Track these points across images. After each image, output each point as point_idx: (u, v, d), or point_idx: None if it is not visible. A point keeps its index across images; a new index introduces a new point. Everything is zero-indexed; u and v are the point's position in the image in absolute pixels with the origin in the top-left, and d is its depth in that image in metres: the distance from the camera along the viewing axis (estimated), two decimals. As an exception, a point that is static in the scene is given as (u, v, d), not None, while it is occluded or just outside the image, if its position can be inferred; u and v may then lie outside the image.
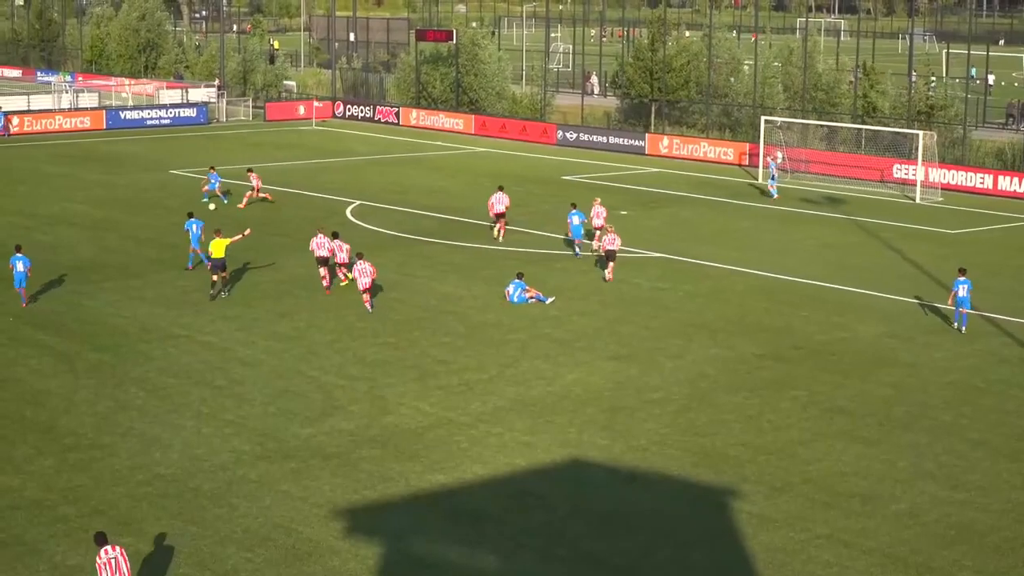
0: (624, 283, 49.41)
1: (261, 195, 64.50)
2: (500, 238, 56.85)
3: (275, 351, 40.05)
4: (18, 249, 45.04)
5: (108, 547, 23.79)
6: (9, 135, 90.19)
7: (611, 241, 50.09)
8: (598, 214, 54.90)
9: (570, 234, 54.71)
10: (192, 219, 50.58)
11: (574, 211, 54.59)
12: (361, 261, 44.86)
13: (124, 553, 23.72)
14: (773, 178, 70.72)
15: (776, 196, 69.31)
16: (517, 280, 46.36)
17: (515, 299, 45.91)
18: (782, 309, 46.13)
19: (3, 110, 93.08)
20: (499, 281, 47.84)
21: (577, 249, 54.64)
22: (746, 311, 45.90)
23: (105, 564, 23.51)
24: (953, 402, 36.45)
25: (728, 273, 51.74)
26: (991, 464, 31.96)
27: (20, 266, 44.41)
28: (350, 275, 47.14)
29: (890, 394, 37.07)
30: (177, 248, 53.22)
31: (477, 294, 47.24)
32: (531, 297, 45.95)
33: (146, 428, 33.19)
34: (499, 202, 57.00)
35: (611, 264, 49.92)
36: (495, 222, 57.36)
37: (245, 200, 63.73)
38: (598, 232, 53.96)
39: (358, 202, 64.54)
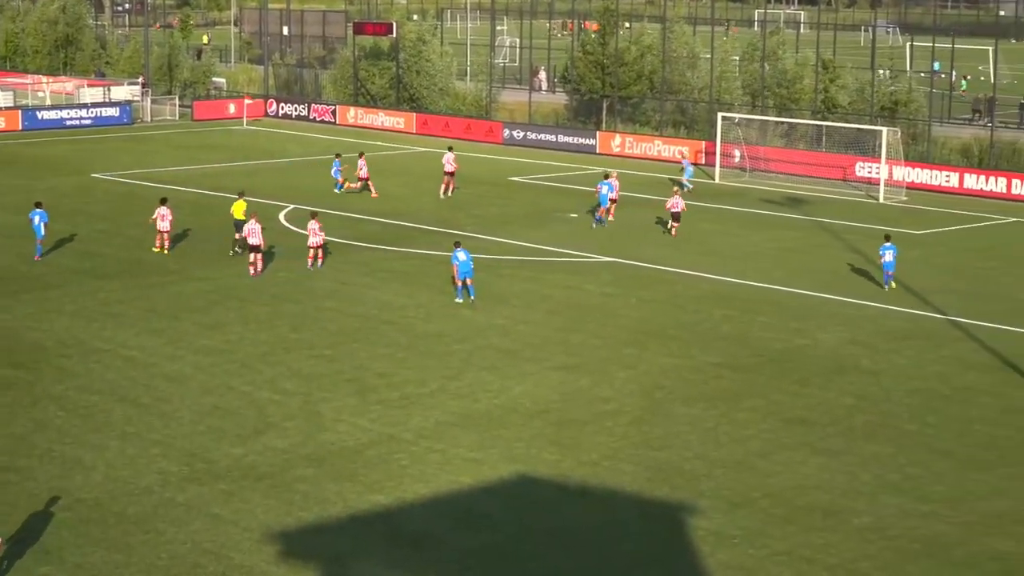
0: (573, 290, 49.57)
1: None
2: (443, 195, 67.56)
3: (204, 366, 39.92)
4: None
5: None
6: None
7: (674, 204, 59.00)
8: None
9: (598, 201, 61.71)
10: (37, 210, 52.45)
11: (605, 180, 61.76)
12: (313, 220, 51.56)
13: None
14: (687, 174, 72.58)
15: (687, 189, 70.56)
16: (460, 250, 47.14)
17: (461, 266, 46.64)
18: (740, 316, 46.37)
19: None
20: (442, 289, 47.93)
21: (599, 217, 61.39)
22: (702, 318, 46.11)
23: None
24: (918, 411, 36.75)
25: (683, 278, 51.95)
26: (957, 475, 32.26)
27: None
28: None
29: (852, 403, 37.34)
30: (101, 257, 53.11)
31: (420, 302, 47.23)
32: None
33: (66, 449, 33.00)
34: (448, 162, 68.51)
35: (675, 225, 59.00)
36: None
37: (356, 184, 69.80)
38: (610, 205, 61.62)
39: (292, 206, 64.40)
